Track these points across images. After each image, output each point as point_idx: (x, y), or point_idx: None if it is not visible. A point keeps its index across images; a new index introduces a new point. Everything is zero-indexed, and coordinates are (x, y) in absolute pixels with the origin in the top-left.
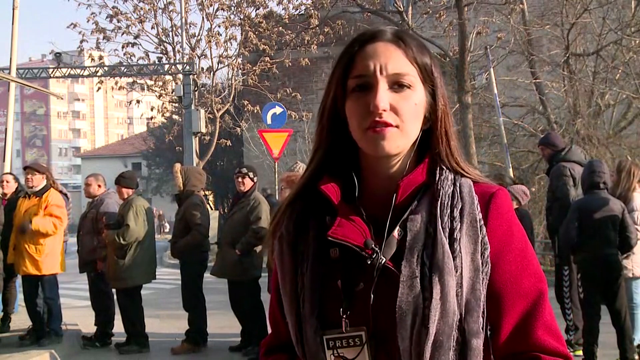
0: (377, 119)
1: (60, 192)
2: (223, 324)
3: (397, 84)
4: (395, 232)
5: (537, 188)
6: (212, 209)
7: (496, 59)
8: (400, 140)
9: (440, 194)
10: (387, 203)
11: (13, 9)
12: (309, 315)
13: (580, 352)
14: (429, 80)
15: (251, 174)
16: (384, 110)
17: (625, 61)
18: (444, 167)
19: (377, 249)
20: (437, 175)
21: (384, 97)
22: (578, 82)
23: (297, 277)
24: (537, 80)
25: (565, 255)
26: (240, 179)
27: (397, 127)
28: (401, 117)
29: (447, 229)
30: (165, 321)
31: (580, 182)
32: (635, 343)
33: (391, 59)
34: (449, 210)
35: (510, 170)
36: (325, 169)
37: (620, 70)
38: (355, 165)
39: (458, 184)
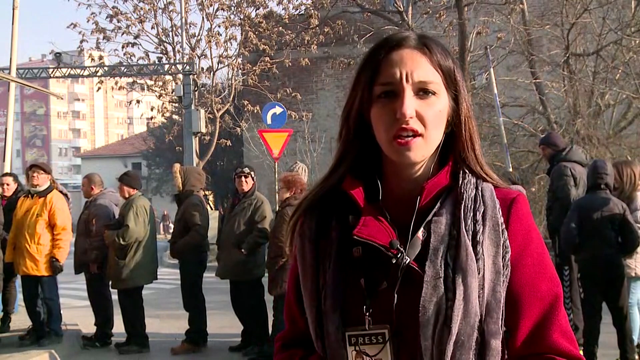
0: (404, 125)
1: (61, 192)
2: (223, 324)
3: (422, 91)
4: (420, 233)
5: (537, 188)
6: (212, 209)
7: (496, 59)
8: (424, 149)
9: (464, 197)
10: (409, 205)
11: (13, 9)
12: (331, 311)
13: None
14: (452, 85)
15: (253, 174)
16: (411, 118)
17: (625, 61)
18: (467, 171)
19: (402, 249)
20: (460, 179)
21: (410, 104)
22: (578, 82)
23: (319, 274)
24: (537, 80)
25: (565, 255)
26: (243, 179)
27: (421, 135)
28: (426, 124)
29: (470, 232)
30: (165, 321)
31: (585, 181)
32: (635, 343)
33: (417, 67)
34: (472, 214)
35: (511, 170)
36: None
37: (620, 70)
38: (377, 167)
39: (480, 188)
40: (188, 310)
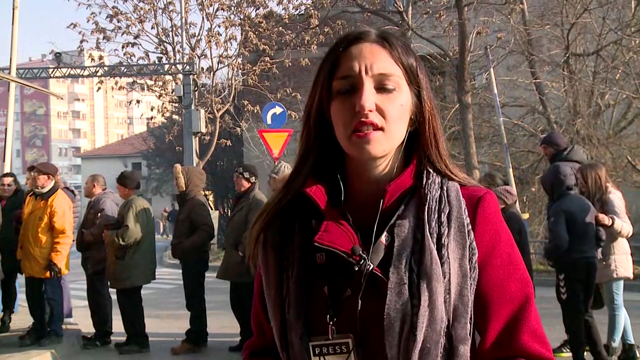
0: (363, 119)
1: (67, 188)
2: (223, 324)
3: (382, 86)
4: (383, 238)
5: (537, 188)
6: (212, 209)
7: (496, 59)
8: (385, 143)
9: (428, 198)
10: (374, 207)
11: (13, 9)
12: (295, 321)
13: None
14: (414, 81)
15: (246, 174)
16: (370, 111)
17: (625, 61)
18: (431, 170)
19: (364, 255)
20: (424, 178)
21: (370, 97)
22: (578, 82)
23: (282, 283)
24: (537, 80)
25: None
26: (235, 179)
27: (381, 129)
28: (387, 118)
29: (435, 235)
30: (165, 321)
31: (549, 188)
32: (615, 344)
33: (377, 60)
34: (436, 215)
35: (511, 170)
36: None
37: (620, 70)
38: (340, 169)
39: (445, 188)
40: (190, 310)
